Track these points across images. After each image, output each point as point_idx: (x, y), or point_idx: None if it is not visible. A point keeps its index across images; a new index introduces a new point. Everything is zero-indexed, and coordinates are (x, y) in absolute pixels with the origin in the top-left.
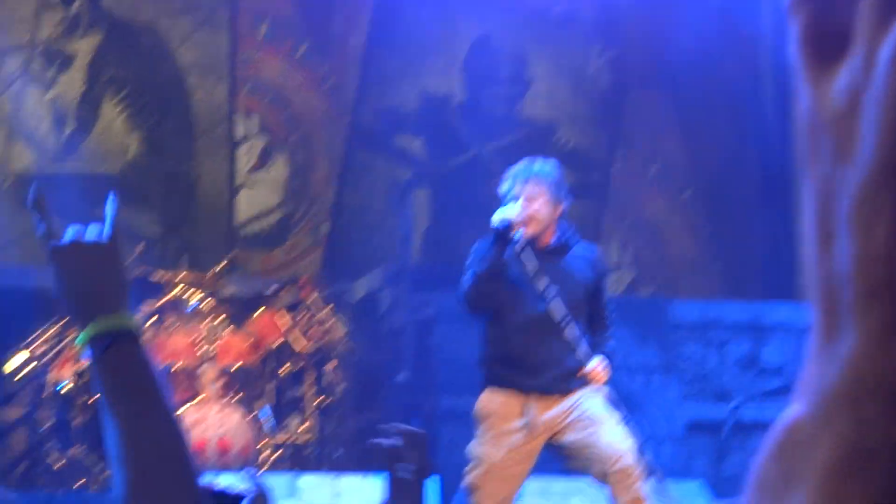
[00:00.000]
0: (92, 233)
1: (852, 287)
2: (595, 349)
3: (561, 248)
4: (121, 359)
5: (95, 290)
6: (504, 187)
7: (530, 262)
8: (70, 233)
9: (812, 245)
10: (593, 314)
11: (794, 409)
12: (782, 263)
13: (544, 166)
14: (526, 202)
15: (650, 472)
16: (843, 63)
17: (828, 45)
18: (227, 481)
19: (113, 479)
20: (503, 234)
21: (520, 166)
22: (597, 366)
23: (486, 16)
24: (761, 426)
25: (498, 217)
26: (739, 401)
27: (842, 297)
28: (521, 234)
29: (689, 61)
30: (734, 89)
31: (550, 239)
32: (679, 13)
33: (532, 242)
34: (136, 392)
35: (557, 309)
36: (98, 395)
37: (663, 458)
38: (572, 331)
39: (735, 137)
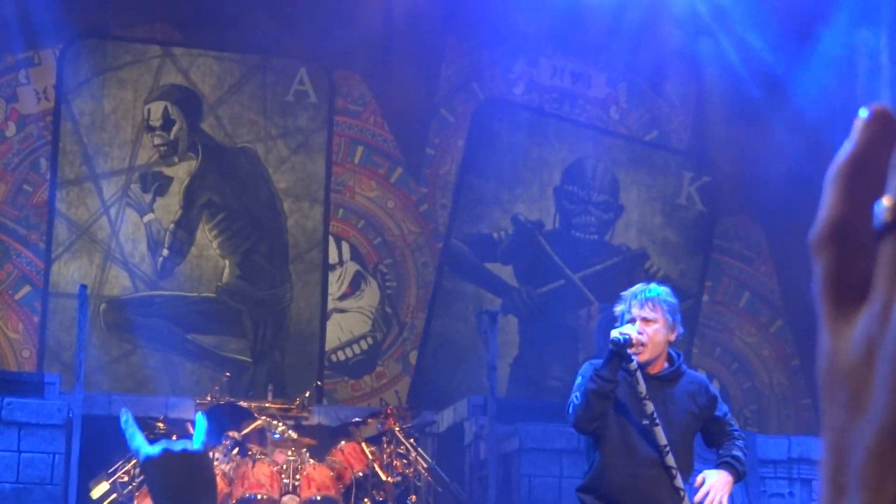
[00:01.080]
0: (181, 443)
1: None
2: (723, 452)
3: (670, 377)
4: None
5: (183, 495)
6: (619, 308)
7: (642, 384)
8: (161, 445)
9: (825, 496)
10: (718, 431)
11: None
12: None
13: (662, 290)
14: (643, 324)
15: None
16: (862, 311)
17: (849, 291)
18: None
19: None
20: (620, 350)
21: (636, 288)
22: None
23: (579, 142)
24: None
25: (616, 333)
26: None
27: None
28: (634, 357)
29: (781, 187)
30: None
31: (662, 366)
32: (770, 138)
33: (642, 367)
34: None
35: (660, 435)
36: None
37: None
38: (672, 459)
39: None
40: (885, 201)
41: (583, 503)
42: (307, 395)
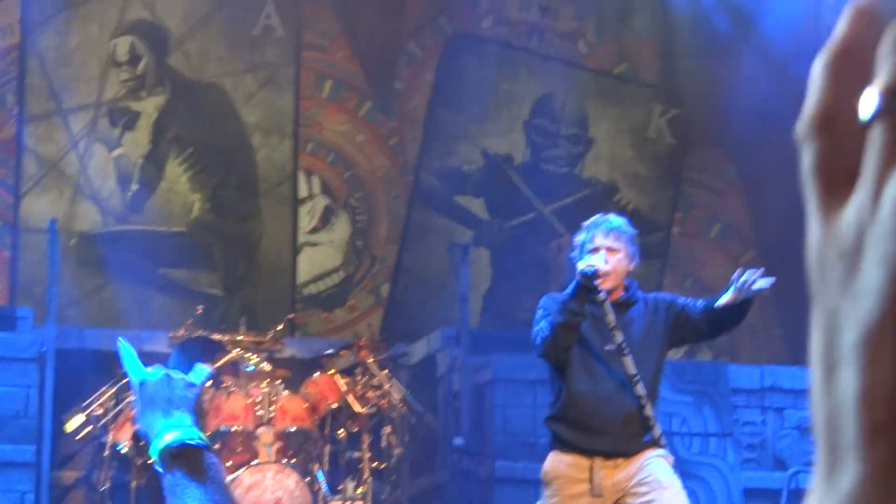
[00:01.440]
0: (180, 376)
1: (855, 422)
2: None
3: (628, 303)
4: (188, 465)
5: (168, 410)
6: (580, 237)
7: (610, 314)
8: (161, 371)
9: (816, 377)
10: (695, 314)
11: None
12: None
13: (622, 221)
14: (608, 254)
15: None
16: (851, 196)
17: (838, 179)
18: None
19: None
20: (588, 282)
21: (597, 218)
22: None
23: (548, 76)
24: None
25: (583, 265)
26: (797, 468)
27: (844, 432)
28: (601, 289)
29: (751, 120)
30: (792, 146)
31: (620, 294)
32: (740, 71)
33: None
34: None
35: (629, 365)
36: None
37: None
38: (641, 388)
39: (798, 197)
40: (873, 89)
41: (553, 432)
42: (280, 327)
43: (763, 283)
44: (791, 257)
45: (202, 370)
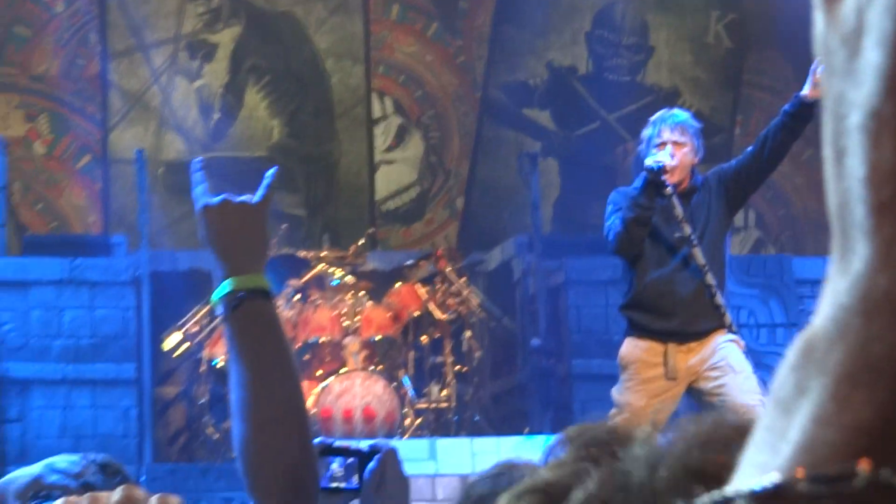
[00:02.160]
0: (243, 197)
1: (862, 203)
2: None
3: (692, 191)
4: (252, 315)
5: (236, 248)
6: (647, 132)
7: (679, 208)
8: (222, 196)
9: (828, 164)
10: (752, 161)
11: (813, 324)
12: None
13: (687, 116)
14: (674, 149)
15: None
16: None
17: None
18: (355, 444)
19: (233, 431)
20: (655, 178)
21: (663, 113)
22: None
23: None
24: None
25: (651, 161)
26: None
27: (854, 215)
28: (668, 183)
29: (805, 19)
30: None
31: (686, 185)
32: None
33: (676, 190)
34: (262, 347)
35: (699, 255)
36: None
37: None
38: (711, 278)
39: None
40: None
41: (629, 318)
42: (361, 242)
43: None
44: None
45: (262, 187)
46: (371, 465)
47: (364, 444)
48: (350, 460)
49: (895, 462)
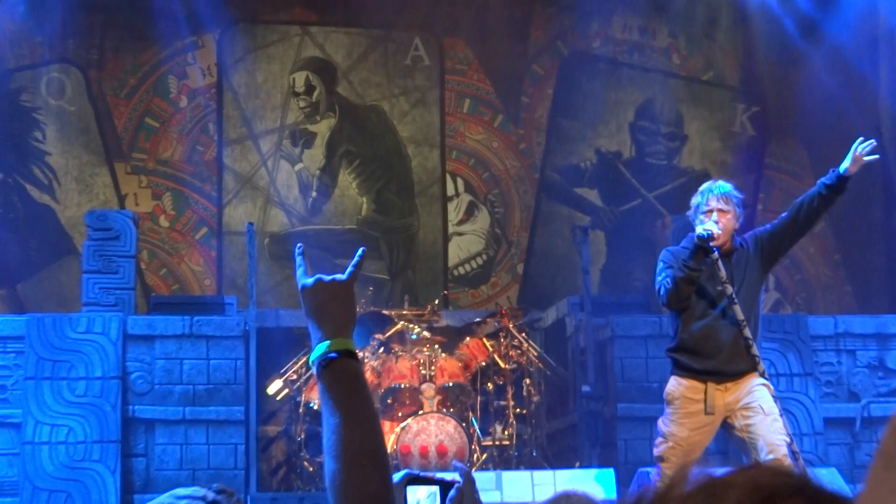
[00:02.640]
0: (334, 276)
1: None
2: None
3: (732, 252)
4: (341, 372)
5: (328, 318)
6: (695, 200)
7: (722, 270)
8: (315, 276)
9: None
10: (787, 224)
11: None
12: None
13: (731, 187)
14: (719, 216)
15: (795, 460)
16: None
17: None
18: (437, 475)
19: (325, 467)
20: (704, 244)
21: (710, 184)
22: None
23: (648, 85)
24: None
25: (700, 229)
26: (868, 399)
27: None
28: (716, 249)
29: (820, 113)
30: (857, 135)
31: (729, 247)
32: (809, 71)
33: (721, 253)
34: (349, 398)
35: (738, 311)
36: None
37: (805, 450)
38: (748, 331)
39: (860, 178)
40: None
41: (674, 360)
42: (436, 302)
43: (873, 154)
44: (858, 228)
45: (350, 267)
46: (451, 493)
47: (446, 476)
48: (434, 489)
49: None
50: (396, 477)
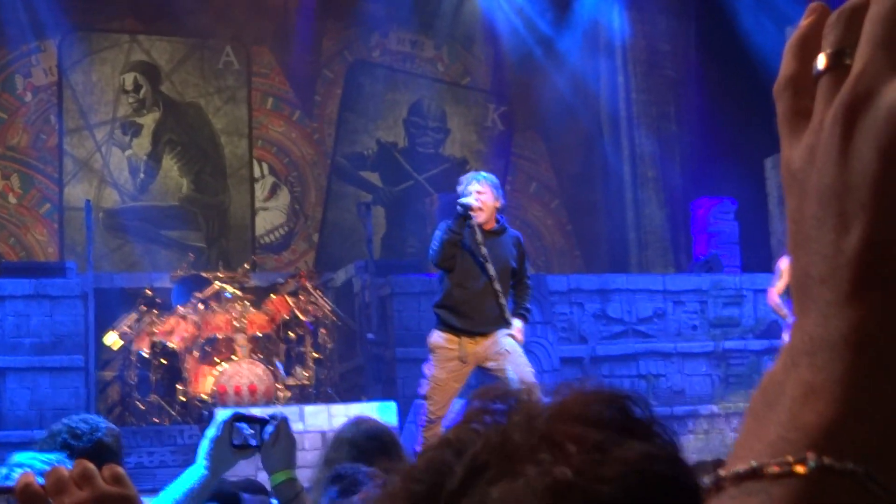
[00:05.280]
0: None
1: (814, 283)
2: (519, 302)
3: (497, 232)
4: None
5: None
6: (461, 187)
7: (479, 234)
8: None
9: (792, 250)
10: (519, 277)
11: (775, 363)
12: (620, 248)
13: (488, 175)
14: (478, 195)
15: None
16: (805, 131)
17: (798, 119)
18: (256, 412)
19: None
20: (464, 213)
21: (472, 173)
22: (517, 329)
23: (418, 88)
24: (611, 359)
25: (462, 201)
26: (595, 343)
27: (810, 288)
28: (474, 217)
29: (556, 112)
30: (585, 130)
31: (492, 225)
32: (547, 78)
33: (479, 225)
34: None
35: (490, 269)
36: None
37: (546, 384)
38: (497, 286)
39: (587, 164)
40: (820, 55)
41: (438, 316)
42: (246, 266)
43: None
44: (584, 204)
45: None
46: (269, 428)
47: (265, 413)
48: (255, 425)
49: (833, 453)
50: (225, 415)
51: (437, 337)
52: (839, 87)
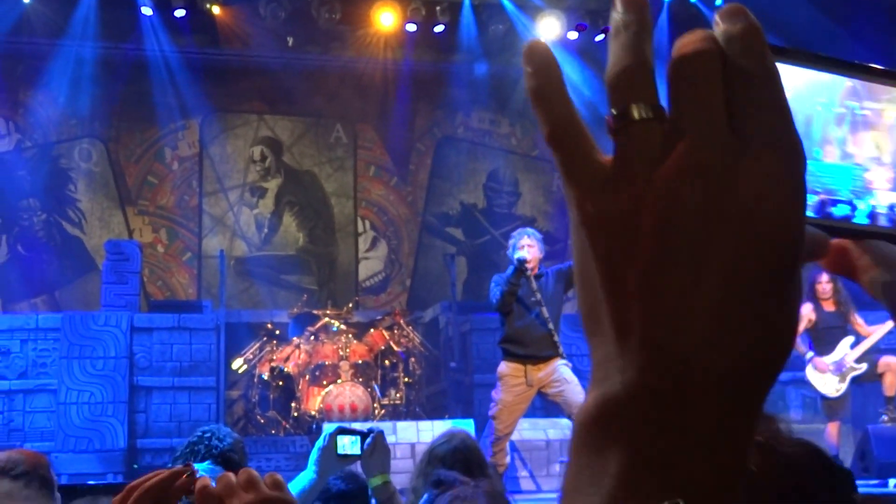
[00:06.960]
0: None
1: (606, 313)
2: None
3: (541, 275)
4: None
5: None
6: (512, 241)
7: (531, 284)
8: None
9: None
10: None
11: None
12: None
13: (534, 231)
14: (528, 248)
15: None
16: (608, 179)
17: (596, 164)
18: (357, 427)
19: None
20: (521, 266)
21: (521, 230)
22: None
23: (495, 158)
24: None
25: (518, 257)
26: None
27: (601, 318)
28: (529, 269)
29: None
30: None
31: (537, 271)
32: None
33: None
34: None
35: (545, 311)
36: None
37: None
38: (551, 325)
39: None
40: (633, 106)
41: (504, 350)
42: (350, 305)
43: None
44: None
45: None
46: (368, 440)
47: (364, 427)
48: (356, 437)
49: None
50: (330, 429)
51: (504, 367)
52: (657, 141)
